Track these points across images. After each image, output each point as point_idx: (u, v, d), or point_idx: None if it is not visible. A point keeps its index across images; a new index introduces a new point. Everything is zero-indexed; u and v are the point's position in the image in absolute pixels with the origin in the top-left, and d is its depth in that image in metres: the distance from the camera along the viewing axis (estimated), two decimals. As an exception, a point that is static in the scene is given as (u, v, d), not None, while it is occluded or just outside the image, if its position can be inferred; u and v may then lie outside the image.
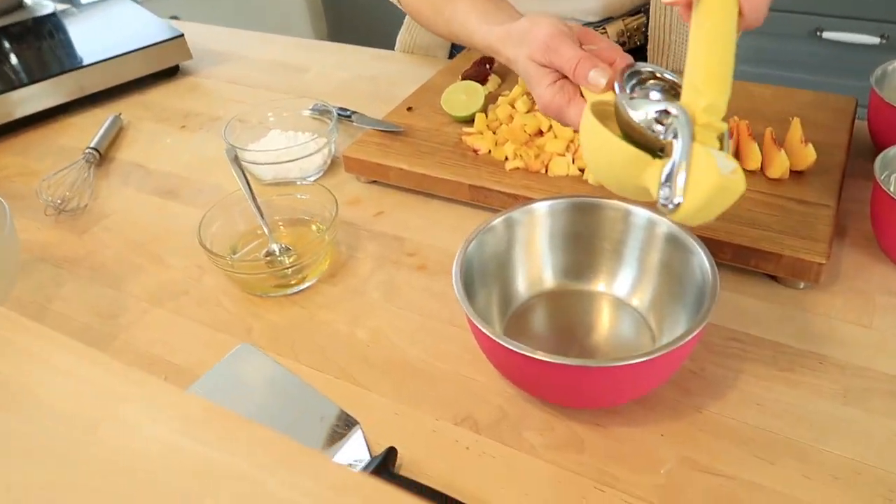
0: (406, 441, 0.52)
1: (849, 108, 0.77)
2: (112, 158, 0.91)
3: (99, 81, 1.02)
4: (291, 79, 1.06)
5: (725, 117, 0.43)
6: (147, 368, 0.60)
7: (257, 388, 0.57)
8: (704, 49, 0.44)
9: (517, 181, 0.71)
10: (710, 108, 0.42)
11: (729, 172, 0.40)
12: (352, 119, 0.87)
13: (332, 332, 0.62)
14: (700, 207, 0.41)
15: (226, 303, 0.66)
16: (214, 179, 0.84)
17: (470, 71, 0.88)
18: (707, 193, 0.40)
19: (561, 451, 0.50)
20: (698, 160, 0.40)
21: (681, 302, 0.55)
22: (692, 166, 0.40)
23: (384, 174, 0.77)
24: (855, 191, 0.71)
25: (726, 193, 0.40)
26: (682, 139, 0.40)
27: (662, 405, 0.53)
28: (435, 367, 0.58)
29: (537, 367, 0.47)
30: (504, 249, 0.58)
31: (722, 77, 0.42)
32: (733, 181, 0.40)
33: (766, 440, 0.50)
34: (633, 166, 0.43)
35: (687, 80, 0.44)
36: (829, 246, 0.59)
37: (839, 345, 0.56)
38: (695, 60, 0.43)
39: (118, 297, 0.68)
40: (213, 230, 0.68)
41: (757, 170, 0.68)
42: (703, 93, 0.42)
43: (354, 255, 0.70)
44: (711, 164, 0.39)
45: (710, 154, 0.40)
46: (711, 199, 0.40)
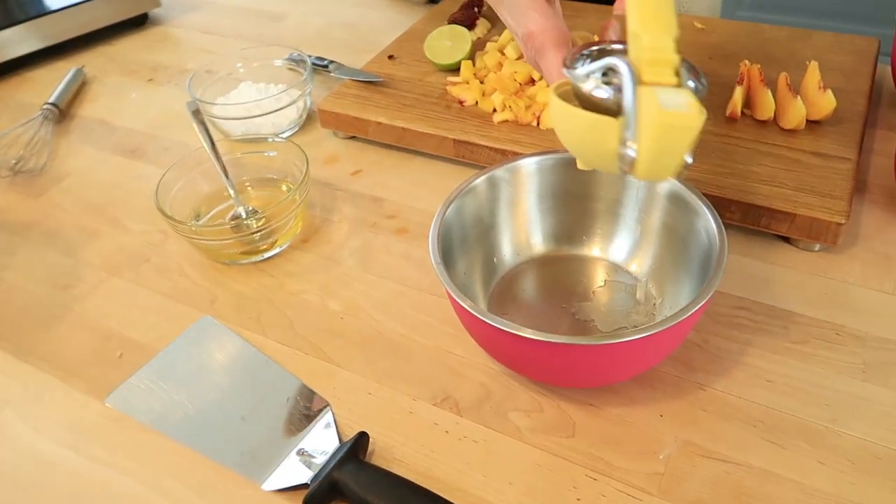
0: (380, 424, 0.47)
1: (871, 49, 0.71)
2: (73, 115, 0.84)
3: (60, 31, 0.95)
4: (267, 27, 0.99)
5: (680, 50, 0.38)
6: (102, 343, 0.55)
7: (219, 365, 0.52)
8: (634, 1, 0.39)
9: (506, 135, 0.65)
10: (651, 47, 0.37)
11: (674, 107, 0.34)
12: (329, 69, 0.81)
13: (302, 303, 0.57)
14: (654, 155, 0.35)
15: (189, 271, 0.61)
16: (182, 137, 0.78)
17: (457, 14, 0.81)
18: (652, 136, 0.35)
19: (550, 434, 0.46)
20: (640, 103, 0.35)
21: (685, 267, 0.49)
22: (638, 112, 0.35)
23: (362, 129, 0.71)
24: (876, 142, 0.65)
25: (676, 131, 0.35)
26: (625, 87, 0.36)
27: (662, 382, 0.48)
28: (413, 340, 0.53)
29: (524, 345, 0.41)
30: (487, 212, 0.52)
31: (659, 17, 0.37)
32: (679, 116, 0.34)
33: (776, 421, 0.45)
34: (599, 133, 0.38)
35: (628, 33, 0.39)
36: (848, 204, 0.54)
37: (858, 313, 0.51)
38: (630, 10, 0.39)
39: (73, 266, 0.63)
40: (174, 193, 0.62)
41: (770, 119, 0.62)
42: (642, 36, 0.37)
43: (329, 218, 0.65)
44: (652, 102, 0.34)
45: (651, 92, 0.35)
46: (660, 141, 0.35)
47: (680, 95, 0.35)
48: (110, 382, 0.51)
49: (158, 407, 0.49)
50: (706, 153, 0.60)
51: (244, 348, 0.53)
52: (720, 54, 0.73)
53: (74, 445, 0.47)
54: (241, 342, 0.54)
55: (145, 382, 0.51)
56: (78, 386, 0.52)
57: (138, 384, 0.51)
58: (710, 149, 0.61)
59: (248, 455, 0.46)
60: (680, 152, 0.36)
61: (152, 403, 0.49)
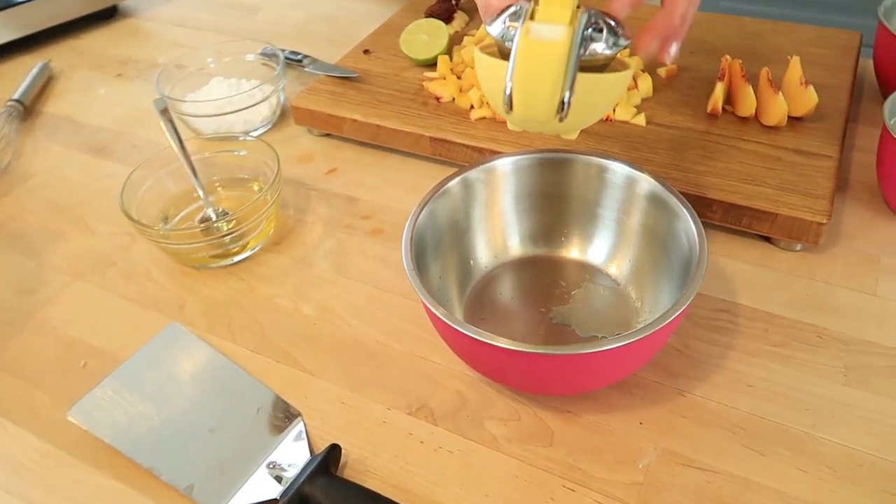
0: (353, 434, 0.46)
1: (853, 44, 0.70)
2: (39, 111, 0.82)
3: (26, 24, 0.92)
4: (242, 20, 0.96)
5: None
6: (65, 352, 0.53)
7: (187, 375, 0.50)
8: None
9: (483, 132, 0.63)
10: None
11: (540, 35, 0.35)
12: (303, 64, 0.79)
13: (273, 308, 0.55)
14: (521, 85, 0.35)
15: (157, 275, 0.59)
16: (152, 134, 0.76)
17: (434, 7, 0.79)
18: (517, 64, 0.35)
19: (527, 443, 0.44)
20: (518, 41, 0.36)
21: (665, 270, 0.48)
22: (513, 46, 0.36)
23: (337, 126, 0.69)
24: (857, 138, 0.64)
25: (537, 58, 0.35)
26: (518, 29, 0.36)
27: (641, 388, 0.47)
28: (388, 347, 0.51)
29: (500, 354, 0.40)
30: (463, 215, 0.51)
31: None
32: (541, 43, 0.34)
33: (756, 428, 0.44)
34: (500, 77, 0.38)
35: None
36: (830, 203, 0.53)
37: (840, 315, 0.50)
38: None
39: (37, 269, 0.61)
40: (141, 194, 0.60)
41: (751, 116, 0.61)
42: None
43: (303, 218, 0.63)
44: (523, 32, 0.35)
45: (528, 25, 0.35)
46: (523, 68, 0.35)
47: (555, 30, 0.35)
48: (73, 394, 0.49)
49: (123, 420, 0.47)
50: (687, 150, 0.59)
51: (213, 357, 0.52)
52: (702, 48, 0.72)
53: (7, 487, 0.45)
54: (210, 350, 0.52)
55: (109, 394, 0.49)
56: (39, 398, 0.50)
57: (102, 396, 0.49)
58: (690, 146, 0.59)
59: (215, 469, 0.45)
60: (548, 85, 0.35)
61: (116, 416, 0.48)
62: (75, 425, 0.47)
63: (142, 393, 0.49)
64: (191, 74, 0.76)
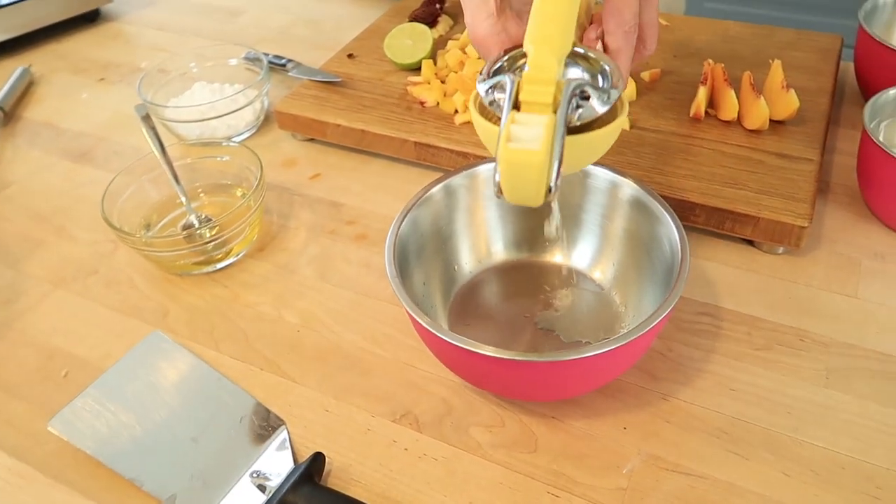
0: (337, 442, 0.46)
1: (834, 47, 0.70)
2: (19, 117, 0.81)
3: (6, 28, 0.91)
4: (225, 23, 0.96)
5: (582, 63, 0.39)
6: (46, 362, 0.52)
7: (169, 383, 0.50)
8: (534, 7, 0.39)
9: (468, 137, 0.63)
10: (533, 64, 0.37)
11: (520, 143, 0.35)
12: (287, 68, 0.78)
13: (257, 316, 0.55)
14: (508, 183, 0.36)
15: (139, 283, 0.58)
16: (134, 140, 0.75)
17: (418, 11, 0.79)
18: (500, 168, 0.36)
19: (511, 449, 0.44)
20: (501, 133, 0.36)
21: (648, 274, 0.48)
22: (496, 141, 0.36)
23: (321, 131, 0.69)
24: (838, 140, 0.65)
25: (518, 168, 0.36)
26: (503, 112, 0.37)
27: (625, 393, 0.47)
28: (372, 353, 0.51)
29: (484, 361, 0.40)
30: (446, 221, 0.51)
31: (548, 34, 0.37)
32: (520, 153, 0.35)
33: (740, 432, 0.44)
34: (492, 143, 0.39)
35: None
36: (811, 207, 0.53)
37: (821, 318, 0.50)
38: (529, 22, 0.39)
39: (16, 278, 0.60)
40: (123, 201, 0.60)
41: (734, 120, 0.61)
42: (529, 51, 0.37)
43: (286, 224, 0.63)
44: (504, 135, 0.36)
45: (509, 123, 0.36)
46: (507, 173, 0.36)
47: (534, 128, 0.36)
48: (54, 404, 0.49)
49: (104, 430, 0.47)
50: (670, 154, 0.59)
51: (196, 365, 0.51)
52: (684, 52, 0.72)
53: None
54: (193, 358, 0.52)
55: (90, 404, 0.48)
56: (18, 409, 0.49)
57: (83, 406, 0.48)
58: (673, 149, 0.60)
59: (198, 479, 0.44)
60: (532, 184, 0.36)
61: (98, 426, 0.47)
62: (56, 436, 0.47)
63: (124, 402, 0.49)
64: (174, 79, 0.76)
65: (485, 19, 0.43)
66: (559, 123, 0.36)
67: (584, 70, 0.39)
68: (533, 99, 0.37)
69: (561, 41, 0.37)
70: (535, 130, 0.35)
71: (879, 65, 0.63)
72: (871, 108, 0.56)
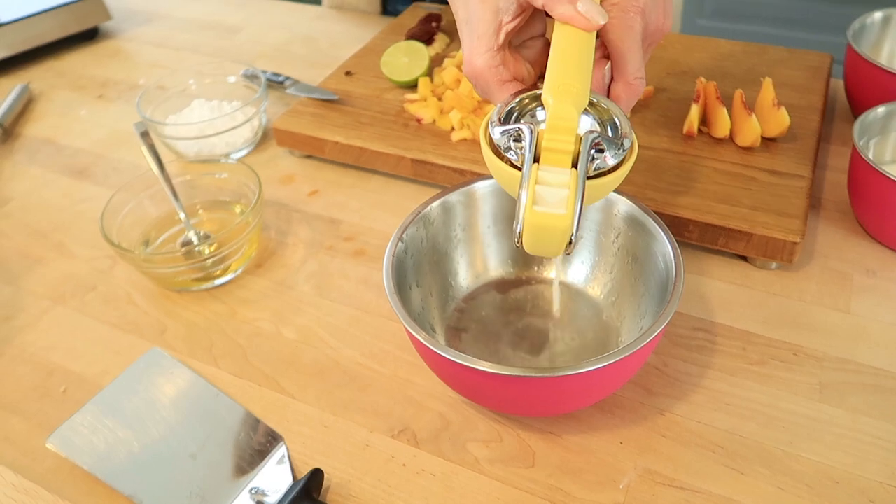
0: (335, 458, 0.46)
1: (823, 65, 0.71)
2: (18, 134, 0.81)
3: (6, 46, 0.91)
4: (223, 40, 0.97)
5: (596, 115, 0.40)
6: (44, 378, 0.53)
7: (168, 400, 0.50)
8: (552, 58, 0.40)
9: (464, 154, 0.64)
10: (554, 115, 0.38)
11: (546, 207, 0.36)
12: (285, 86, 0.79)
13: (255, 332, 0.55)
14: (531, 241, 0.38)
15: (138, 299, 0.59)
16: (133, 156, 0.76)
17: (415, 29, 0.80)
18: (526, 228, 0.37)
19: (509, 465, 0.45)
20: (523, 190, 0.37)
21: (643, 290, 0.49)
22: (518, 200, 0.37)
23: (319, 148, 0.70)
24: (829, 157, 0.66)
25: (544, 231, 0.37)
26: (524, 164, 0.37)
27: (621, 408, 0.47)
28: (370, 369, 0.51)
29: (481, 377, 0.40)
30: (443, 237, 0.51)
31: (567, 86, 0.38)
32: (548, 217, 0.36)
33: (735, 446, 0.44)
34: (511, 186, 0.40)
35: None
36: (803, 223, 0.54)
37: (814, 333, 0.51)
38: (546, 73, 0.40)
39: (15, 295, 0.60)
40: (122, 217, 0.60)
41: (726, 137, 0.62)
42: (548, 101, 0.38)
43: (284, 240, 0.63)
44: (529, 196, 0.37)
45: (533, 183, 0.37)
46: (532, 234, 0.37)
47: (560, 190, 0.37)
48: (53, 420, 0.49)
49: (102, 447, 0.47)
50: (664, 171, 0.60)
51: (194, 381, 0.51)
52: (677, 70, 0.73)
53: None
54: (192, 374, 0.52)
55: (89, 420, 0.49)
56: (17, 426, 0.49)
57: (82, 422, 0.48)
58: (667, 167, 0.61)
59: (197, 496, 0.44)
60: (555, 243, 0.37)
61: (96, 443, 0.47)
62: (54, 453, 0.47)
63: (122, 419, 0.49)
64: (172, 96, 0.77)
65: (484, 52, 0.43)
66: (580, 180, 0.37)
67: (595, 119, 0.39)
68: (555, 147, 0.37)
69: (580, 92, 0.38)
70: (560, 193, 0.36)
71: (868, 83, 0.64)
72: (860, 125, 0.57)
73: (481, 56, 0.43)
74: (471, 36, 0.44)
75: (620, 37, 0.42)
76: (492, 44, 0.43)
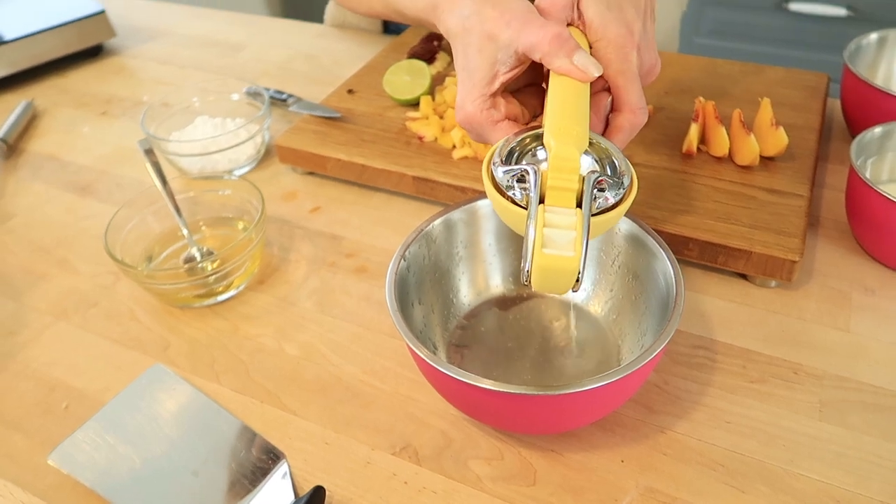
0: (337, 475, 0.46)
1: (821, 85, 0.72)
2: (22, 150, 0.82)
3: (11, 63, 0.92)
4: (226, 58, 0.98)
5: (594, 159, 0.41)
6: (46, 395, 0.53)
7: (170, 416, 0.50)
8: (551, 104, 0.42)
9: (465, 172, 0.65)
10: (558, 156, 0.39)
11: (555, 250, 0.37)
12: (287, 103, 0.80)
13: (257, 348, 0.55)
14: (540, 281, 0.38)
15: (140, 315, 0.59)
16: (136, 173, 0.76)
17: (417, 48, 0.81)
18: (535, 269, 0.38)
19: (510, 483, 0.45)
20: (532, 231, 0.38)
21: (644, 307, 0.49)
22: (526, 241, 0.38)
23: (321, 165, 0.70)
24: (827, 176, 0.66)
25: (553, 273, 0.38)
26: (530, 205, 0.38)
27: (622, 426, 0.47)
28: (372, 386, 0.51)
29: (483, 395, 0.41)
30: (445, 254, 0.52)
31: (569, 130, 0.40)
32: (557, 259, 0.37)
33: (736, 464, 0.45)
34: (516, 223, 0.41)
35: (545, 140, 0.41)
36: (802, 241, 0.54)
37: (814, 351, 0.51)
38: (545, 119, 0.42)
39: (18, 311, 0.60)
40: (125, 233, 0.60)
41: (725, 156, 0.63)
42: (551, 144, 0.39)
43: (287, 257, 0.63)
44: (538, 239, 0.37)
45: (541, 225, 0.38)
46: (541, 275, 0.38)
47: (567, 232, 0.37)
48: (54, 437, 0.49)
49: (104, 463, 0.47)
50: (664, 190, 0.61)
51: (196, 397, 0.51)
52: (676, 89, 0.74)
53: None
54: (193, 391, 0.52)
55: (91, 437, 0.49)
56: (19, 442, 0.49)
57: (83, 439, 0.49)
58: (667, 185, 0.61)
59: (198, 513, 0.44)
60: (564, 283, 0.38)
61: (97, 459, 0.47)
62: (56, 469, 0.47)
63: (124, 435, 0.49)
64: (176, 113, 0.77)
65: (477, 97, 0.44)
66: (586, 221, 0.38)
67: (594, 158, 0.40)
68: (559, 185, 0.39)
69: (580, 134, 0.40)
70: (567, 235, 0.37)
71: (865, 103, 0.65)
72: (857, 145, 0.57)
73: (473, 102, 0.45)
74: (465, 84, 0.45)
75: (620, 72, 0.44)
76: (485, 91, 0.45)
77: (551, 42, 0.42)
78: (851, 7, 1.47)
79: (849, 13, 1.47)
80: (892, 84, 0.71)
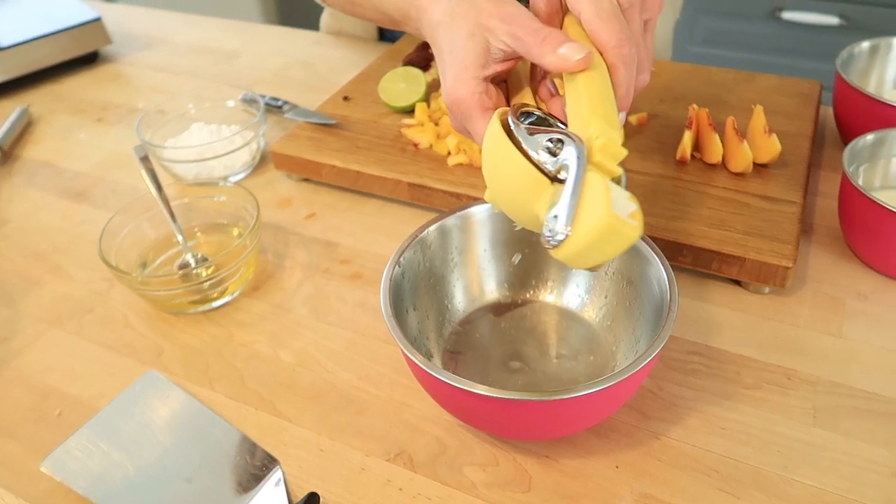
0: (331, 482, 0.46)
1: (813, 93, 0.73)
2: (17, 156, 0.82)
3: (6, 69, 0.92)
4: (222, 65, 0.98)
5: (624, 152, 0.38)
6: (40, 401, 0.52)
7: (163, 423, 0.50)
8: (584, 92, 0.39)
9: (461, 178, 0.65)
10: (604, 135, 0.37)
11: (626, 214, 0.34)
12: (283, 110, 0.80)
13: (252, 355, 0.55)
14: (585, 247, 0.35)
15: (134, 322, 0.59)
16: (131, 179, 0.76)
17: (412, 55, 0.82)
18: (592, 230, 0.34)
19: (505, 489, 0.45)
20: (593, 192, 0.35)
21: (638, 313, 0.49)
22: (585, 198, 0.35)
23: (316, 171, 0.70)
24: (820, 183, 0.67)
25: (616, 238, 0.34)
26: (576, 166, 0.35)
27: (617, 432, 0.47)
28: (367, 392, 0.51)
29: (478, 400, 0.41)
30: (440, 261, 0.52)
31: (608, 113, 0.38)
32: (626, 226, 0.34)
33: (730, 470, 0.45)
34: (531, 190, 0.38)
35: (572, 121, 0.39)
36: (795, 248, 0.55)
37: (808, 357, 0.51)
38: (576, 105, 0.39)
39: (12, 317, 0.60)
40: (120, 240, 0.60)
41: (718, 163, 0.63)
42: (593, 123, 0.37)
43: (281, 263, 0.63)
44: (606, 199, 0.34)
45: (606, 187, 0.34)
46: (599, 239, 0.34)
47: (630, 202, 0.35)
48: (47, 444, 0.49)
49: (97, 470, 0.47)
50: (658, 196, 0.61)
51: (190, 404, 0.51)
52: (670, 96, 0.74)
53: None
54: (188, 398, 0.52)
55: (84, 444, 0.48)
56: (11, 449, 0.49)
57: (77, 446, 0.48)
58: (661, 192, 0.61)
59: (192, 520, 0.44)
60: (609, 255, 0.36)
61: (91, 466, 0.47)
62: (48, 476, 0.46)
63: (118, 442, 0.49)
64: (171, 120, 0.77)
65: (469, 79, 0.43)
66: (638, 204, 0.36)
67: None
68: (604, 165, 0.36)
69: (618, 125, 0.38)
70: (629, 206, 0.34)
71: (857, 111, 0.65)
72: (849, 152, 0.58)
73: (466, 83, 0.43)
74: (455, 66, 0.44)
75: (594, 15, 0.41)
76: (478, 73, 0.43)
77: (541, 44, 0.41)
78: (844, 16, 1.48)
79: (841, 22, 1.48)
80: (883, 92, 0.72)
